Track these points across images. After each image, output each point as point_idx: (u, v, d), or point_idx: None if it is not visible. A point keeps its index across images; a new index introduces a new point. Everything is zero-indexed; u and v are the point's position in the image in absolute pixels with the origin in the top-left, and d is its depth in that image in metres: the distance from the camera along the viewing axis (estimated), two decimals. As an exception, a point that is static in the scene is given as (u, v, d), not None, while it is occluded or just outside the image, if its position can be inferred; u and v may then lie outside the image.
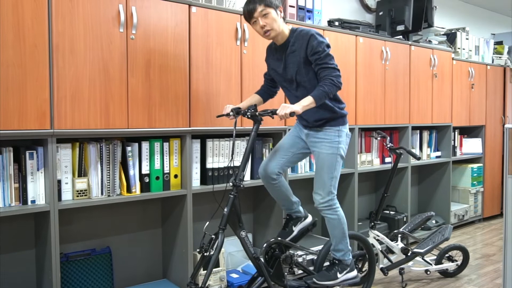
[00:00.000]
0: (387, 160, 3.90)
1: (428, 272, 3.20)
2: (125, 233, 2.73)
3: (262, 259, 2.36)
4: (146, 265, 2.81)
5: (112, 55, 2.28)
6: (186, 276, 2.61)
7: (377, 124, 3.66)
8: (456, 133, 4.67)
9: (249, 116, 2.32)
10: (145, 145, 2.50)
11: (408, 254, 3.14)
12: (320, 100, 2.24)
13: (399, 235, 3.21)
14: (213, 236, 2.15)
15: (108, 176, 2.37)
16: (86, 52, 2.20)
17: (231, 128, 2.69)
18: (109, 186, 2.38)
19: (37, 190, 2.17)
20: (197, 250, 2.16)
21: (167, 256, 2.82)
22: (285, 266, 2.51)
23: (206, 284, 2.09)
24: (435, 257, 3.27)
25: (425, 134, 4.33)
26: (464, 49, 4.72)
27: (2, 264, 2.31)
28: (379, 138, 3.29)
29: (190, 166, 2.63)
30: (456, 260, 3.32)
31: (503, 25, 6.29)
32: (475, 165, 4.79)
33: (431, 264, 3.20)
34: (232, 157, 2.35)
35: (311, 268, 2.75)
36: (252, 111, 2.31)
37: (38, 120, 2.07)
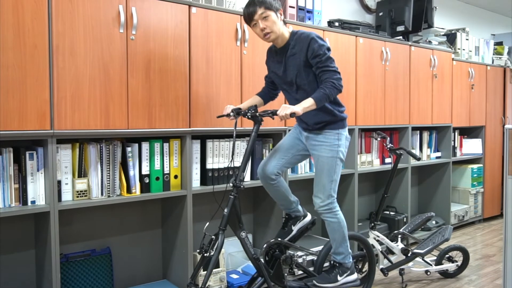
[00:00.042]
0: (387, 160, 3.90)
1: (428, 273, 3.20)
2: (125, 234, 2.73)
3: (262, 260, 2.36)
4: (146, 266, 2.81)
5: (112, 55, 2.28)
6: (186, 277, 2.61)
7: (377, 125, 3.67)
8: (456, 133, 4.67)
9: (250, 116, 2.32)
10: (145, 146, 2.50)
11: (408, 254, 3.13)
12: (321, 102, 2.24)
13: (399, 236, 3.20)
14: (213, 236, 2.15)
15: (108, 177, 2.37)
16: (86, 52, 2.20)
17: (231, 128, 2.69)
18: (109, 187, 2.38)
19: (37, 190, 2.17)
20: (197, 250, 2.16)
21: (167, 257, 2.82)
22: (285, 267, 2.51)
23: (206, 285, 2.09)
24: (435, 258, 3.27)
25: (425, 135, 4.33)
26: (464, 49, 4.72)
27: (2, 265, 2.31)
28: (379, 139, 3.29)
29: (190, 167, 2.63)
30: (456, 261, 3.32)
31: (503, 25, 6.29)
32: (475, 166, 4.79)
33: (431, 265, 3.20)
34: (232, 158, 2.35)
35: (311, 269, 2.75)
36: (253, 111, 2.31)
37: (38, 121, 2.07)
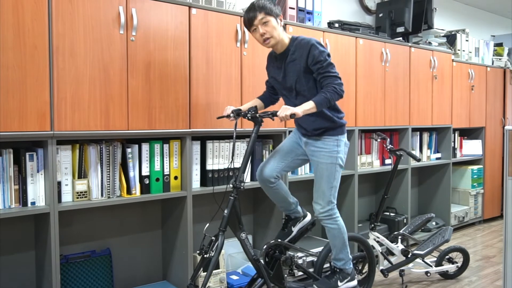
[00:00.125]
0: (387, 161, 3.90)
1: (428, 274, 3.20)
2: (125, 235, 2.72)
3: (262, 261, 2.36)
4: (146, 267, 2.81)
5: (112, 56, 2.28)
6: (186, 278, 2.61)
7: (377, 126, 3.67)
8: (456, 134, 4.67)
9: (250, 117, 2.32)
10: (145, 147, 2.50)
11: (408, 255, 3.13)
12: (321, 106, 2.24)
13: (399, 237, 3.20)
14: (213, 238, 2.15)
15: (108, 178, 2.37)
16: (86, 53, 2.20)
17: (231, 129, 2.69)
18: (109, 188, 2.38)
19: (37, 191, 2.17)
20: (197, 251, 2.16)
21: (167, 258, 2.82)
22: (285, 268, 2.51)
23: (206, 286, 2.09)
24: (435, 259, 3.27)
25: (425, 136, 4.33)
26: (464, 50, 4.72)
27: (2, 266, 2.31)
28: (379, 140, 3.29)
29: (190, 168, 2.63)
30: (457, 262, 3.31)
31: (503, 26, 6.30)
32: (475, 167, 4.79)
33: (431, 266, 3.20)
34: (232, 159, 2.35)
35: (311, 270, 2.75)
36: (253, 112, 2.31)
37: (38, 122, 2.07)
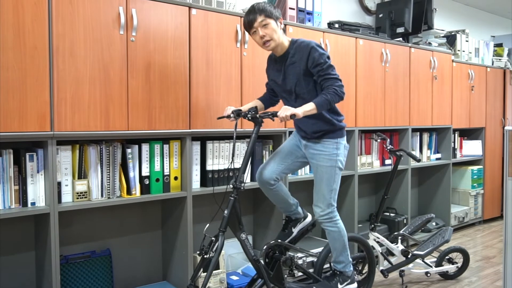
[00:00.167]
0: (387, 162, 3.90)
1: (429, 274, 3.20)
2: (125, 235, 2.72)
3: (262, 261, 2.36)
4: (146, 267, 2.81)
5: (112, 57, 2.28)
6: (186, 278, 2.61)
7: (377, 126, 3.67)
8: (456, 135, 4.67)
9: (250, 118, 2.32)
10: (145, 147, 2.50)
11: (408, 256, 3.13)
12: (322, 107, 2.24)
13: (399, 237, 3.20)
14: (213, 238, 2.15)
15: (108, 178, 2.37)
16: (86, 54, 2.20)
17: (231, 130, 2.69)
18: (109, 188, 2.38)
19: (37, 192, 2.17)
20: (197, 252, 2.16)
21: (167, 258, 2.82)
22: (285, 268, 2.51)
23: (206, 286, 2.08)
24: (435, 259, 3.27)
25: (425, 136, 4.33)
26: (464, 51, 4.72)
27: (2, 266, 2.31)
28: (379, 140, 3.29)
29: (190, 168, 2.63)
30: (457, 262, 3.31)
31: (503, 27, 6.30)
32: (475, 167, 4.79)
33: (431, 266, 3.20)
34: (232, 159, 2.35)
35: (311, 270, 2.75)
36: (253, 113, 2.31)
37: (38, 122, 2.07)
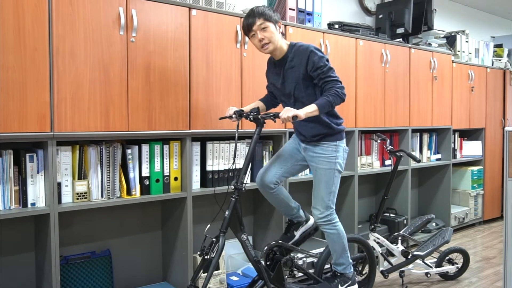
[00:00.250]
0: (387, 162, 3.90)
1: (429, 275, 3.20)
2: (125, 236, 2.72)
3: (262, 262, 2.36)
4: (146, 268, 2.80)
5: (112, 57, 2.29)
6: (186, 279, 2.60)
7: (377, 127, 3.67)
8: (456, 135, 4.67)
9: (252, 118, 2.32)
10: (145, 148, 2.50)
11: (409, 256, 3.13)
12: (324, 109, 2.25)
13: (399, 238, 3.20)
14: (213, 239, 2.15)
15: (108, 179, 2.37)
16: (87, 55, 2.21)
17: (231, 130, 2.69)
18: (109, 189, 2.38)
19: (37, 192, 2.17)
20: (198, 253, 2.16)
21: (167, 259, 2.82)
22: (286, 269, 2.51)
23: (207, 287, 2.08)
24: (435, 260, 3.27)
25: (425, 137, 4.33)
26: (464, 52, 4.72)
27: (2, 267, 2.31)
28: (379, 141, 3.29)
29: (190, 169, 2.63)
30: (457, 263, 3.31)
31: (503, 28, 6.30)
32: (475, 168, 4.79)
33: (431, 267, 3.19)
34: (234, 160, 2.35)
35: (312, 271, 2.75)
36: (255, 113, 2.31)
37: (38, 123, 2.07)
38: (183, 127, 2.55)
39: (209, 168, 2.74)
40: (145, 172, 2.50)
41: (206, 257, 2.11)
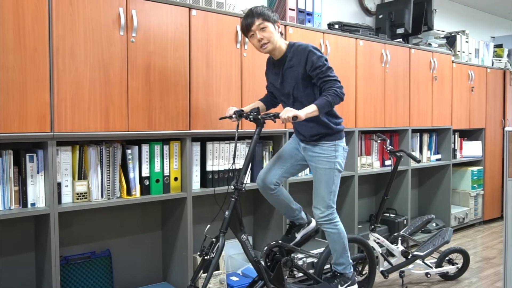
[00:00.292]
0: (387, 163, 3.90)
1: (429, 275, 3.20)
2: (125, 236, 2.72)
3: (262, 262, 2.36)
4: (146, 268, 2.80)
5: (112, 58, 2.29)
6: (186, 279, 2.60)
7: (377, 127, 3.67)
8: (456, 136, 4.67)
9: (252, 119, 2.32)
10: (145, 148, 2.50)
11: (409, 257, 3.13)
12: (323, 109, 2.25)
13: (399, 238, 3.20)
14: (213, 239, 2.15)
15: (108, 179, 2.37)
16: (87, 55, 2.21)
17: (231, 131, 2.69)
18: (109, 189, 2.38)
19: (37, 193, 2.17)
20: (198, 253, 2.16)
21: (167, 259, 2.82)
22: (285, 269, 2.51)
23: (207, 287, 2.08)
24: (435, 260, 3.27)
25: (425, 137, 4.33)
26: (464, 52, 4.73)
27: (2, 267, 2.31)
28: (379, 141, 3.29)
29: (190, 169, 2.63)
30: (457, 263, 3.31)
31: (503, 28, 6.30)
32: (475, 168, 4.79)
33: (431, 267, 3.19)
34: (234, 160, 2.35)
35: (312, 271, 2.75)
36: (255, 114, 2.31)
37: (38, 123, 2.07)
38: (183, 127, 2.55)
39: (209, 168, 2.74)
40: (145, 172, 2.50)
41: (206, 257, 2.11)
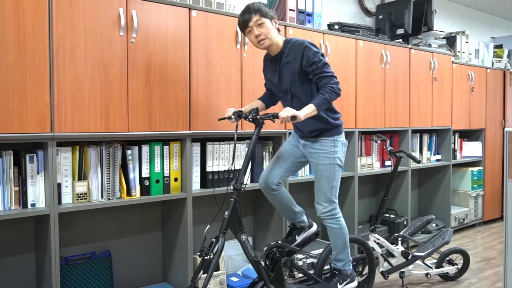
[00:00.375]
0: (387, 163, 3.90)
1: (429, 276, 3.20)
2: (125, 237, 2.72)
3: (262, 263, 2.36)
4: (146, 269, 2.80)
5: (112, 58, 2.29)
6: (186, 280, 2.60)
7: (377, 128, 3.67)
8: (456, 136, 4.67)
9: (251, 119, 2.32)
10: (145, 149, 2.50)
11: (409, 257, 3.13)
12: (321, 107, 2.26)
13: (400, 239, 3.20)
14: (213, 239, 2.15)
15: (108, 180, 2.37)
16: (87, 55, 2.21)
17: (231, 131, 2.69)
18: (109, 190, 2.37)
19: (37, 193, 2.16)
20: (198, 253, 2.16)
21: (167, 259, 2.82)
22: (285, 270, 2.51)
23: (206, 288, 2.08)
24: (435, 261, 3.26)
25: (425, 138, 4.33)
26: (464, 52, 4.73)
27: (1, 267, 2.31)
28: (379, 142, 3.29)
29: (190, 170, 2.63)
30: (457, 264, 3.31)
31: (503, 28, 6.30)
32: (475, 169, 4.79)
33: (431, 268, 3.19)
34: (233, 161, 2.35)
35: (311, 272, 2.75)
36: (254, 114, 2.32)
37: (38, 124, 2.07)
38: (183, 128, 2.55)
39: (209, 168, 2.74)
40: (145, 173, 2.50)
41: (206, 257, 2.11)
